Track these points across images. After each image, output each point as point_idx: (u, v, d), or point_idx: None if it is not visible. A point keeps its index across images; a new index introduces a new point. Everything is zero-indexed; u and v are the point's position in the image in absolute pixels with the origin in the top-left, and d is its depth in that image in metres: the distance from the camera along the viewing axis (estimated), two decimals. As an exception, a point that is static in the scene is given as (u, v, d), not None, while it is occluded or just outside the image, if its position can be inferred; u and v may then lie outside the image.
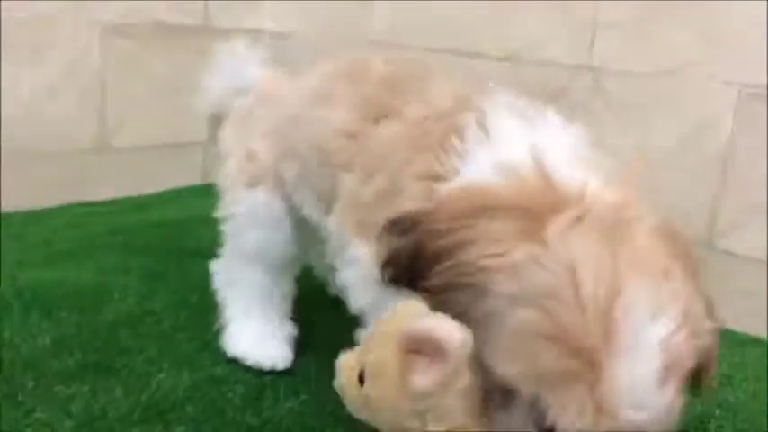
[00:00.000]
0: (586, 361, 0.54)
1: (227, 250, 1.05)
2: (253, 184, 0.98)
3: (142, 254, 1.34)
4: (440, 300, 0.61)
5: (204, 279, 1.25)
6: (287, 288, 1.05)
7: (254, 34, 1.81)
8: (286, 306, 1.05)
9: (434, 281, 0.61)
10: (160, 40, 1.67)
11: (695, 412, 0.97)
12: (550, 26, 1.38)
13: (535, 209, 0.60)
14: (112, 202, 1.62)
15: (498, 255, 0.58)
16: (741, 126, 1.20)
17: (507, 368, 0.57)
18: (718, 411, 0.97)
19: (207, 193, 1.75)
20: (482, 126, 0.71)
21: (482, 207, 0.61)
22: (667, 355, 0.56)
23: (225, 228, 1.04)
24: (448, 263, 0.60)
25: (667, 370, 0.56)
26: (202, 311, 1.12)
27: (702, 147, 1.24)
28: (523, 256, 0.57)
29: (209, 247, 1.39)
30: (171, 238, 1.42)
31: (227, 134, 1.06)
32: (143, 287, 1.19)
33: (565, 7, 1.35)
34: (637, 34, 1.28)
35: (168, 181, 1.75)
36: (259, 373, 0.96)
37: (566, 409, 0.55)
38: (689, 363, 0.58)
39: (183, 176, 1.78)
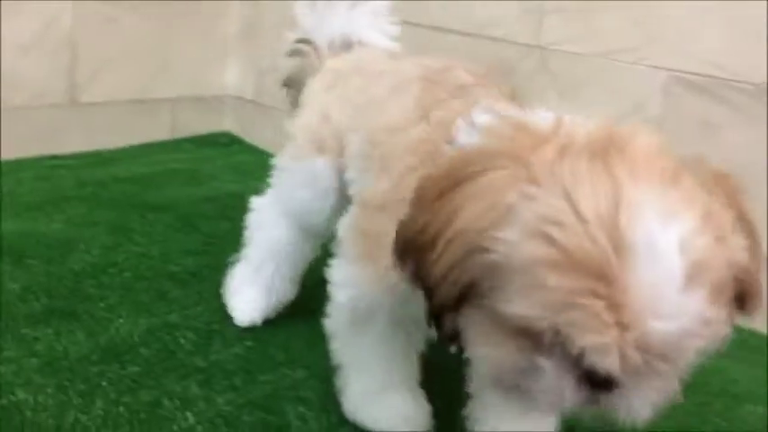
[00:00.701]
0: (597, 276, 0.51)
1: (271, 194, 1.06)
2: (318, 149, 0.98)
3: (109, 207, 1.41)
4: (452, 282, 0.58)
5: (166, 232, 1.34)
6: (307, 253, 1.05)
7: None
8: (299, 270, 1.07)
9: (441, 263, 0.58)
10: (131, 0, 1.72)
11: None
12: (506, 5, 1.45)
13: (515, 153, 0.57)
14: (81, 156, 1.69)
15: (490, 208, 0.56)
16: (668, 109, 1.30)
17: (521, 307, 0.54)
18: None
19: (174, 148, 1.85)
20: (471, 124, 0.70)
21: (463, 173, 0.59)
22: (688, 258, 0.52)
23: (277, 173, 1.05)
24: (447, 237, 0.58)
25: (691, 273, 0.52)
26: (161, 263, 1.21)
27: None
28: (515, 198, 0.55)
29: (172, 202, 1.48)
30: (137, 193, 1.50)
31: (315, 86, 1.03)
32: (108, 239, 1.27)
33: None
34: (580, 18, 1.36)
35: (137, 136, 1.81)
36: (209, 321, 1.06)
37: (586, 331, 0.52)
38: (720, 271, 0.54)
39: (151, 132, 1.84)
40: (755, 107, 1.21)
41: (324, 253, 0.95)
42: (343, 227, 0.84)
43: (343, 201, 0.97)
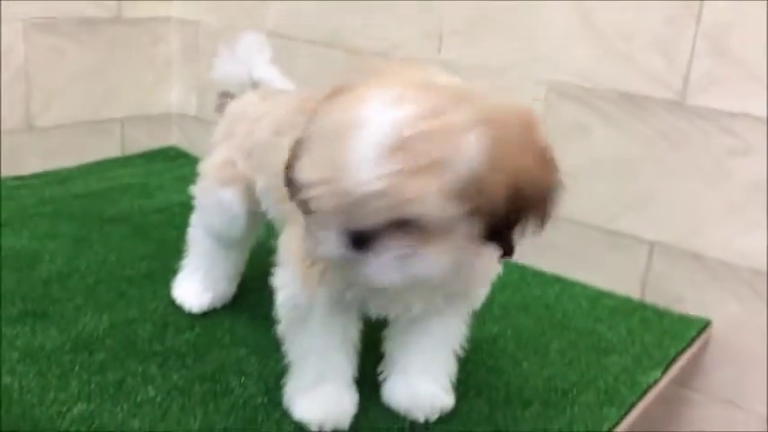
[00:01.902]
0: (332, 146, 0.70)
1: (195, 215, 1.24)
2: (225, 184, 1.16)
3: (69, 221, 1.59)
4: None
5: (122, 241, 1.52)
6: (235, 259, 1.24)
7: (164, 22, 2.06)
8: (231, 272, 1.25)
9: None
10: (78, 31, 1.89)
11: (493, 332, 1.30)
12: (408, 31, 1.67)
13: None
14: (41, 176, 1.85)
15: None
16: (550, 117, 1.52)
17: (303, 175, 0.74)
18: (509, 332, 1.31)
19: (125, 164, 2.03)
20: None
21: None
22: (394, 135, 0.67)
23: (196, 200, 1.23)
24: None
25: (394, 150, 0.67)
26: (119, 268, 1.40)
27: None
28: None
29: (126, 214, 1.66)
30: (93, 207, 1.67)
31: (219, 130, 1.22)
32: (70, 250, 1.45)
33: (417, 19, 1.64)
34: (473, 40, 1.59)
35: (91, 155, 1.98)
36: (164, 314, 1.25)
37: (307, 166, 0.73)
38: (433, 154, 0.68)
39: (104, 150, 2.01)
40: (616, 112, 1.44)
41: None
42: (279, 241, 1.02)
43: (260, 218, 1.17)
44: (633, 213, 1.46)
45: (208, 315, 1.25)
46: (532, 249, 1.56)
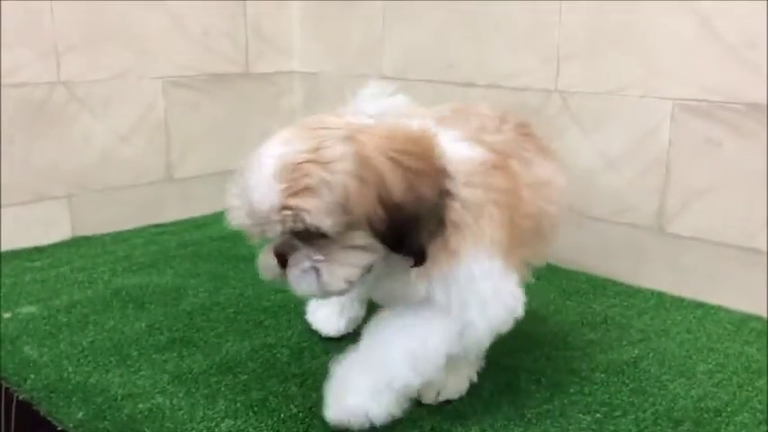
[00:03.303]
0: (244, 175, 0.89)
1: None
2: None
3: (207, 261, 1.68)
4: None
5: (257, 277, 1.58)
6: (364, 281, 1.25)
7: (287, 75, 2.17)
8: (362, 295, 1.24)
9: None
10: (211, 86, 2.02)
11: (633, 354, 1.26)
12: (524, 60, 1.69)
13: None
14: (179, 223, 1.98)
15: None
16: (677, 134, 1.48)
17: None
18: (651, 355, 1.26)
19: (255, 211, 2.11)
20: None
21: None
22: (278, 164, 0.85)
23: None
24: None
25: (280, 176, 0.84)
26: (256, 300, 1.46)
27: (647, 150, 1.53)
28: None
29: (258, 252, 1.73)
30: (229, 248, 1.76)
31: None
32: (210, 285, 1.53)
33: (534, 44, 1.66)
34: (590, 62, 1.58)
35: (221, 203, 2.08)
36: (299, 340, 1.28)
37: (231, 194, 0.93)
38: (306, 181, 0.84)
39: (234, 198, 2.12)
40: (746, 123, 1.39)
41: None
42: None
43: None
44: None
45: (341, 339, 1.27)
46: (668, 274, 1.51)
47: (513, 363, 1.22)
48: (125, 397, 1.10)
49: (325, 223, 0.86)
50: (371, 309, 1.30)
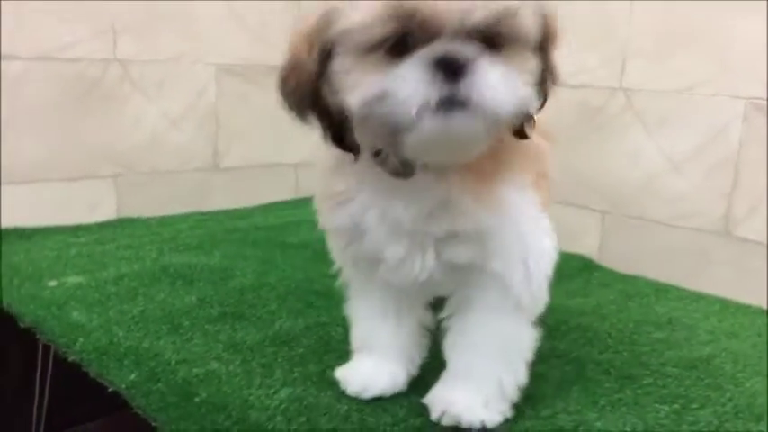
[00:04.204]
0: None
1: None
2: None
3: (254, 247, 1.64)
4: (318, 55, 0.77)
5: (306, 263, 1.55)
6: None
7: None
8: None
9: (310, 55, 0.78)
10: (263, 78, 2.01)
11: (704, 353, 1.20)
12: (588, 58, 1.65)
13: None
14: (224, 213, 1.94)
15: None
16: (750, 133, 1.44)
17: (365, 17, 0.72)
18: (723, 354, 1.20)
19: (297, 205, 2.08)
20: None
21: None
22: None
23: None
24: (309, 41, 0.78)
25: None
26: (306, 282, 1.41)
27: (716, 151, 1.48)
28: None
29: (306, 242, 1.70)
30: (275, 236, 1.72)
31: None
32: (259, 267, 1.49)
33: (600, 41, 1.62)
34: (657, 61, 1.54)
35: (266, 195, 2.06)
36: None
37: None
38: None
39: (278, 192, 2.10)
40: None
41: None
42: None
43: None
44: None
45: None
46: (733, 281, 1.45)
47: (579, 354, 1.17)
48: (179, 362, 1.05)
49: (533, 27, 0.74)
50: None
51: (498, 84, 0.70)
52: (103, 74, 1.74)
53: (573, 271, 1.60)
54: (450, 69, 0.68)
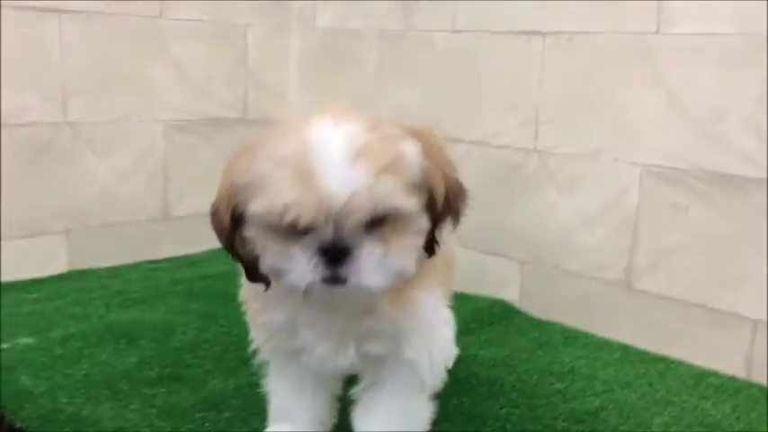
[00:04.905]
0: (294, 167, 0.78)
1: None
2: None
3: (198, 299, 1.75)
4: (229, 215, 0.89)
5: (242, 317, 1.66)
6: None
7: (283, 122, 2.27)
8: None
9: (221, 208, 0.91)
10: (209, 130, 2.12)
11: (594, 405, 1.33)
12: (506, 121, 1.79)
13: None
14: (173, 260, 2.05)
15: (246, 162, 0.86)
16: (646, 198, 1.58)
17: (259, 207, 0.82)
18: (611, 406, 1.34)
19: (246, 250, 2.19)
20: None
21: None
22: (352, 145, 0.78)
23: None
24: (225, 189, 0.90)
25: (355, 155, 0.77)
26: (242, 339, 1.52)
27: (618, 211, 1.63)
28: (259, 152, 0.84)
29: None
30: (218, 287, 1.83)
31: None
32: (199, 323, 1.60)
33: (514, 108, 1.76)
34: (566, 127, 1.69)
35: (215, 241, 2.17)
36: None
37: (284, 195, 0.78)
38: (386, 157, 0.79)
39: (227, 237, 2.20)
40: (711, 191, 1.49)
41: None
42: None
43: None
44: (734, 291, 1.48)
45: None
46: (635, 328, 1.60)
47: (483, 410, 1.29)
48: (115, 430, 1.17)
49: (408, 203, 0.82)
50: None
51: (373, 266, 0.82)
52: (55, 136, 1.84)
53: (494, 318, 1.74)
54: (332, 255, 0.81)
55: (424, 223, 0.87)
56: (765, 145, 1.40)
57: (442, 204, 0.89)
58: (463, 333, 1.48)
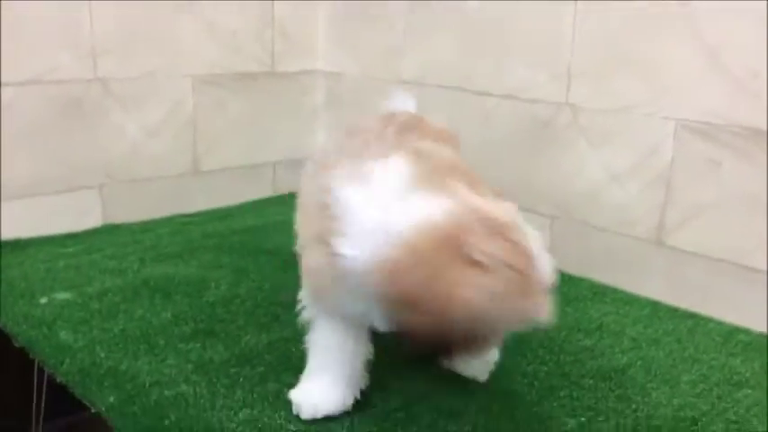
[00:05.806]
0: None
1: None
2: None
3: (229, 253, 1.78)
4: None
5: (275, 272, 1.69)
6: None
7: (311, 75, 2.26)
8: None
9: None
10: (238, 85, 2.12)
11: (621, 362, 1.34)
12: (536, 74, 1.76)
13: None
14: (204, 214, 2.08)
15: None
16: (679, 153, 1.56)
17: None
18: (639, 363, 1.35)
19: (276, 202, 2.22)
20: None
21: None
22: None
23: None
24: None
25: None
26: (273, 293, 1.56)
27: (651, 166, 1.60)
28: None
29: (278, 248, 1.84)
30: (250, 241, 1.86)
31: None
32: (231, 278, 1.63)
33: (547, 63, 1.73)
34: (599, 80, 1.65)
35: (246, 194, 2.20)
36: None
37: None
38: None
39: (257, 190, 2.23)
40: (746, 147, 1.46)
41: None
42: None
43: None
44: (766, 248, 1.46)
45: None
46: (664, 285, 1.59)
47: (510, 366, 1.31)
48: (153, 384, 1.20)
49: None
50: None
51: None
52: (86, 92, 1.85)
53: (523, 273, 1.75)
54: None
55: None
56: (805, 100, 1.37)
57: None
58: (491, 289, 1.49)
